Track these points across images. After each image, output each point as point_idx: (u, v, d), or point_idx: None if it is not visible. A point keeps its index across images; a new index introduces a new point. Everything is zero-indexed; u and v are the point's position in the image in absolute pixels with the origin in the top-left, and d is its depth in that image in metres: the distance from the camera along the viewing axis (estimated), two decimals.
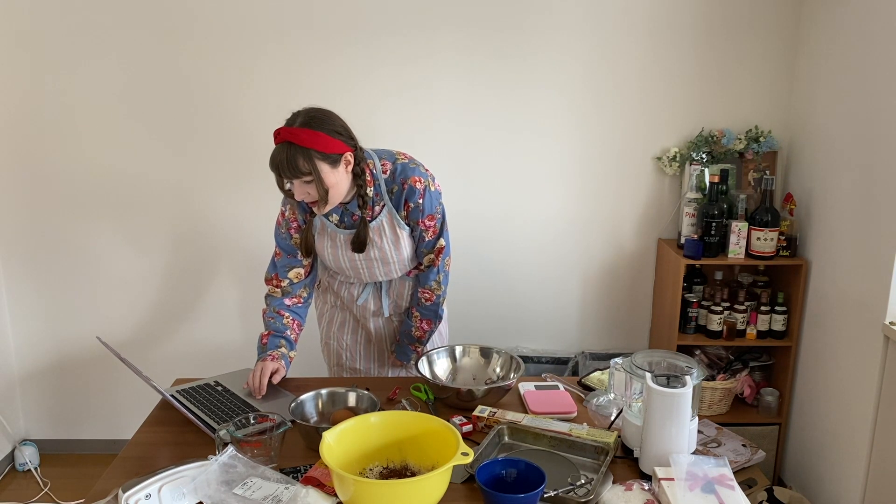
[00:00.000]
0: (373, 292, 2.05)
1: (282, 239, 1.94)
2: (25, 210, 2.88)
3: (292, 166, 1.66)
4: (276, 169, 1.69)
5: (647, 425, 1.41)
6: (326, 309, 2.16)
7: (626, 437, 1.52)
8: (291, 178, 1.69)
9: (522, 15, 2.74)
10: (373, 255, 1.91)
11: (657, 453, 1.40)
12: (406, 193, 1.86)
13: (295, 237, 1.92)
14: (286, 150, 1.67)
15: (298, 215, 1.91)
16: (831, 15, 2.56)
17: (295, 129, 1.67)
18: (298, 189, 1.72)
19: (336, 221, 1.89)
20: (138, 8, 2.71)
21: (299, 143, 1.67)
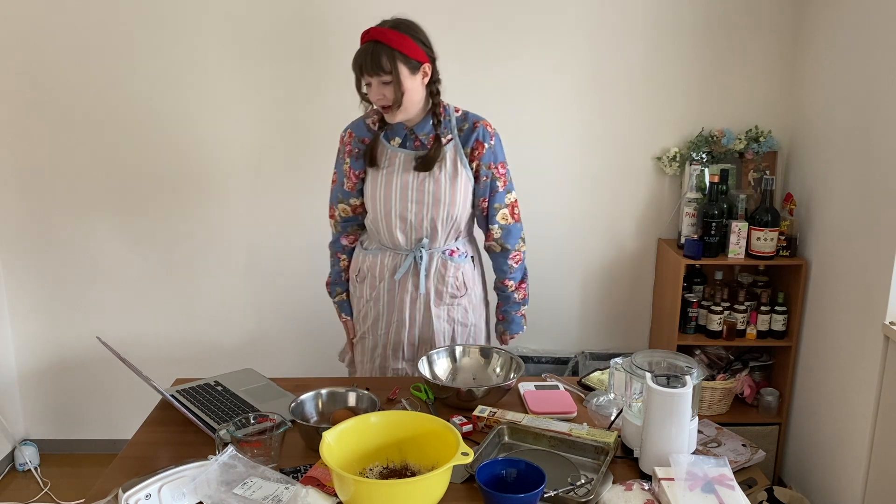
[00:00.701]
0: (412, 269, 2.00)
1: (337, 162, 2.02)
2: (25, 210, 2.88)
3: (376, 63, 1.74)
4: (358, 66, 1.76)
5: (647, 425, 1.41)
6: (362, 304, 2.11)
7: (626, 437, 1.52)
8: (373, 75, 1.76)
9: (522, 15, 2.74)
10: (427, 186, 1.90)
11: (657, 453, 1.40)
12: (478, 133, 1.91)
13: (348, 161, 1.97)
14: (372, 48, 1.75)
15: (355, 139, 1.95)
16: (831, 15, 2.56)
17: (383, 29, 1.76)
18: (375, 90, 1.78)
19: (397, 144, 1.92)
20: (137, 8, 2.71)
21: (386, 41, 1.75)
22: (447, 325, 2.06)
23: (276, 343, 3.04)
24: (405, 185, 1.91)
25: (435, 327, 2.04)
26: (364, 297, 2.09)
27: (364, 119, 1.98)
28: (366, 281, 2.07)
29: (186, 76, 2.77)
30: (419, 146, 1.91)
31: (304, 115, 2.82)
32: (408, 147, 1.91)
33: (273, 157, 2.86)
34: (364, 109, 1.98)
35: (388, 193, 1.92)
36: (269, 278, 2.97)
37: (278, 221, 2.92)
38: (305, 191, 2.89)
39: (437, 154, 1.88)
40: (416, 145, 1.91)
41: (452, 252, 2.02)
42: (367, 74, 1.77)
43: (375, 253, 2.03)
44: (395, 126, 1.92)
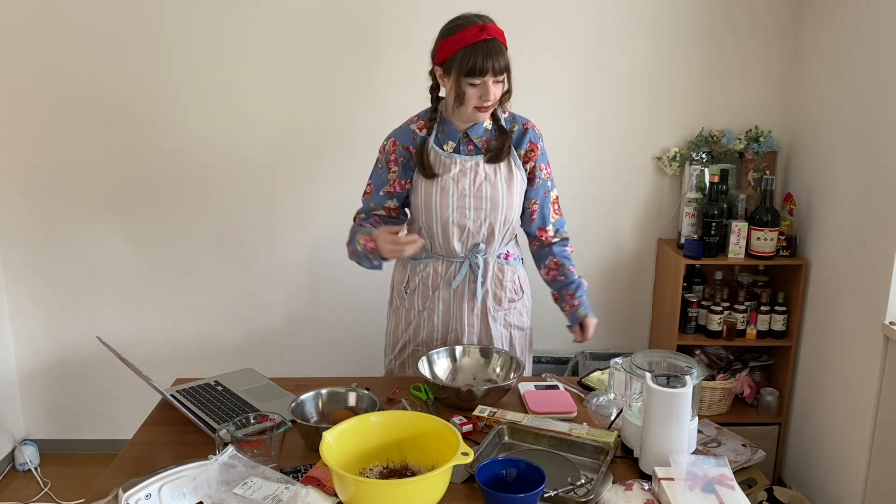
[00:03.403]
0: (468, 276, 1.95)
1: (376, 172, 1.94)
2: (26, 210, 2.88)
3: (502, 58, 1.71)
4: (483, 62, 1.68)
5: (647, 425, 1.41)
6: (412, 316, 2.02)
7: (626, 437, 1.52)
8: (494, 73, 1.71)
9: (521, 14, 2.74)
10: (485, 191, 1.86)
11: (657, 453, 1.40)
12: (530, 135, 1.89)
13: (393, 170, 1.90)
14: (497, 45, 1.71)
15: (399, 147, 1.88)
16: (831, 15, 2.56)
17: (498, 28, 1.73)
18: (488, 89, 1.72)
19: (451, 150, 1.86)
20: (137, 8, 2.71)
21: (502, 40, 1.73)
22: (504, 330, 2.02)
23: (276, 343, 3.04)
24: (462, 191, 1.85)
25: (493, 333, 2.00)
26: (416, 308, 2.01)
27: (408, 126, 1.90)
28: (417, 292, 1.99)
29: (187, 77, 2.77)
30: (472, 150, 1.86)
31: (304, 115, 2.82)
32: (461, 152, 1.86)
33: (273, 157, 2.86)
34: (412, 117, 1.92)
35: (445, 202, 1.86)
36: (270, 278, 2.97)
37: (278, 221, 2.92)
38: (306, 191, 2.89)
39: (507, 143, 1.85)
40: (469, 149, 1.86)
41: (507, 255, 1.99)
42: (490, 73, 1.70)
43: (427, 263, 1.96)
44: (448, 130, 1.86)
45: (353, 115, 2.82)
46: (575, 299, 1.98)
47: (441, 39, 1.77)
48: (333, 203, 2.90)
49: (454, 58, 1.72)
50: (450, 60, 1.73)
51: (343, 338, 3.04)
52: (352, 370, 3.04)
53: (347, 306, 3.00)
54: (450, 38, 1.73)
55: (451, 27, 1.75)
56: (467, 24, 1.71)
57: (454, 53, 1.72)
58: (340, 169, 2.87)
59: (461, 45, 1.70)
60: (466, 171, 1.85)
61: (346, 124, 2.83)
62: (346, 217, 2.89)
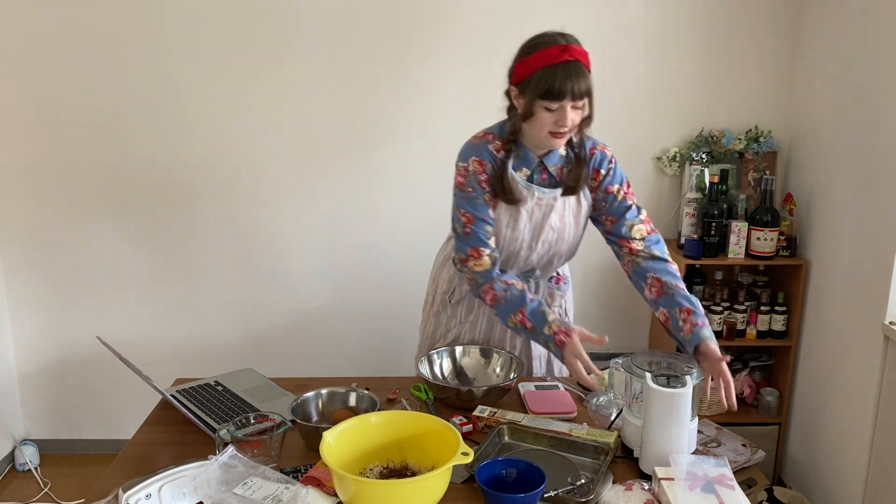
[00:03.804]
0: None
1: (469, 199, 1.73)
2: (26, 210, 2.88)
3: (585, 81, 1.56)
4: (562, 84, 1.54)
5: (647, 425, 1.41)
6: (452, 324, 1.97)
7: (626, 437, 1.52)
8: (573, 98, 1.56)
9: (521, 15, 2.74)
10: (552, 223, 1.76)
11: (657, 453, 1.40)
12: (596, 160, 1.75)
13: (487, 190, 1.72)
14: (579, 67, 1.56)
15: (488, 166, 1.71)
16: (831, 15, 2.56)
17: (583, 49, 1.58)
18: (566, 114, 1.58)
19: (525, 177, 1.73)
20: (137, 8, 2.71)
21: (585, 62, 1.58)
22: (544, 350, 1.99)
23: (276, 343, 3.04)
24: (535, 225, 1.76)
25: (533, 353, 1.97)
26: (458, 318, 1.96)
27: (485, 145, 1.73)
28: (462, 304, 1.95)
29: (187, 77, 2.77)
30: (546, 179, 1.74)
31: (305, 115, 2.82)
32: (535, 181, 1.74)
33: (273, 157, 2.86)
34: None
35: (516, 234, 1.76)
36: (270, 278, 2.97)
37: (278, 221, 2.92)
38: (306, 191, 2.89)
39: (582, 175, 1.72)
40: (543, 178, 1.74)
41: (559, 279, 1.95)
42: (569, 97, 1.55)
43: None
44: (525, 155, 1.72)
45: (355, 117, 2.82)
46: (697, 317, 1.61)
47: (519, 58, 1.64)
48: (333, 204, 2.90)
49: (531, 78, 1.58)
50: (526, 81, 1.60)
51: (343, 338, 3.04)
52: (352, 370, 3.04)
53: (348, 306, 3.00)
54: (528, 56, 1.60)
55: (531, 45, 1.61)
56: (548, 43, 1.58)
57: (532, 73, 1.58)
58: (341, 170, 2.87)
59: (540, 64, 1.57)
60: (542, 204, 1.74)
61: (348, 127, 2.83)
62: (345, 217, 2.91)
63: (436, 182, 2.88)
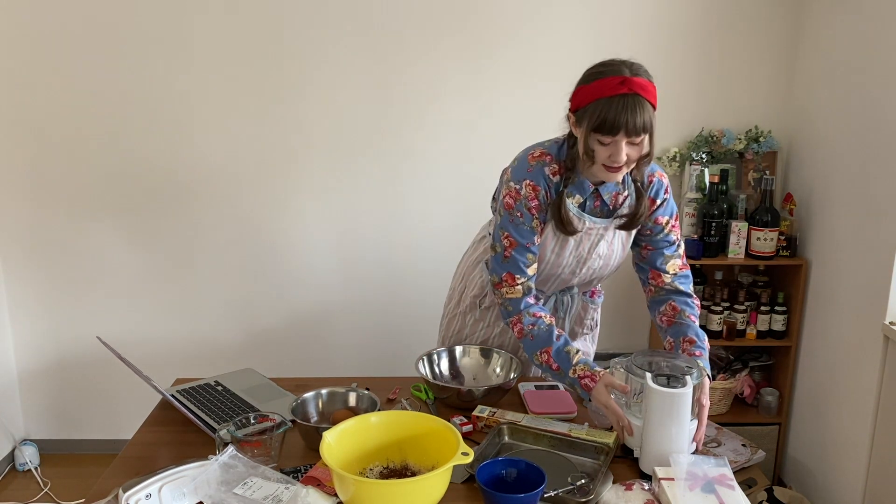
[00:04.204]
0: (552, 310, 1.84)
1: (515, 223, 1.64)
2: (25, 210, 2.88)
3: (642, 118, 1.46)
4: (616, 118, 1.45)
5: (647, 425, 1.41)
6: (479, 328, 1.93)
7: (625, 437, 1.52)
8: (629, 134, 1.46)
9: (521, 14, 2.74)
10: (601, 251, 1.70)
11: (657, 453, 1.40)
12: (653, 188, 1.66)
13: (537, 217, 1.63)
14: (638, 104, 1.46)
15: (541, 192, 1.63)
16: (831, 15, 2.56)
17: (644, 82, 1.49)
18: (619, 150, 1.49)
19: (577, 204, 1.64)
20: (137, 8, 2.71)
21: (647, 96, 1.48)
22: None
23: (276, 343, 3.04)
24: (580, 253, 1.70)
25: None
26: (486, 321, 1.92)
27: (541, 168, 1.65)
28: (492, 309, 1.91)
29: (188, 77, 2.77)
30: (598, 206, 1.66)
31: (305, 116, 2.82)
32: (587, 209, 1.65)
33: (273, 157, 2.86)
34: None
35: (560, 260, 1.70)
36: (269, 278, 2.97)
37: (278, 221, 2.92)
38: (306, 191, 2.89)
39: (642, 212, 1.64)
40: (595, 205, 1.66)
41: (593, 293, 1.91)
42: (623, 133, 1.46)
43: None
44: (580, 182, 1.63)
45: (355, 118, 2.82)
46: (696, 349, 1.62)
47: (579, 85, 1.57)
48: (333, 204, 2.90)
49: (587, 108, 1.51)
50: (582, 110, 1.53)
51: (343, 338, 3.04)
52: (352, 370, 3.04)
53: (348, 306, 3.00)
54: (587, 85, 1.53)
55: (592, 73, 1.54)
56: (608, 74, 1.50)
57: (588, 104, 1.51)
58: (341, 171, 2.87)
59: (597, 96, 1.49)
60: (592, 233, 1.67)
61: (348, 127, 2.83)
62: (344, 217, 2.91)
63: (436, 183, 2.88)
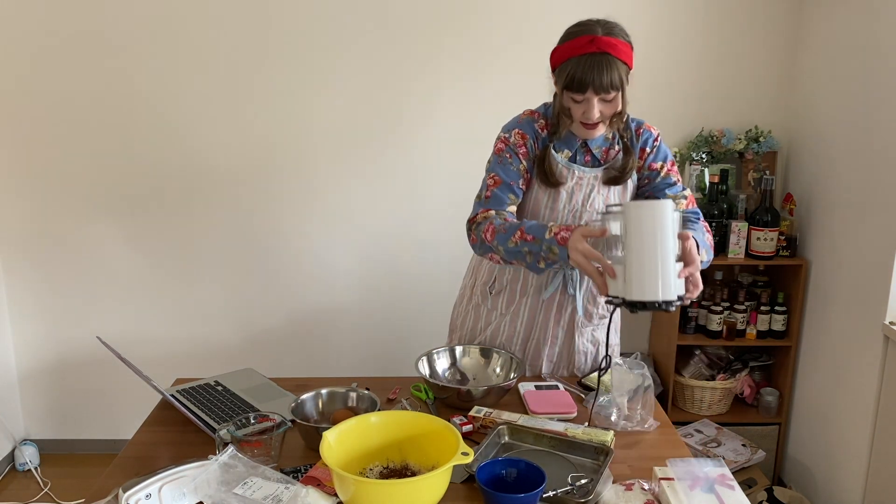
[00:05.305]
0: (560, 287, 1.82)
1: (503, 163, 1.70)
2: (26, 210, 2.88)
3: (611, 82, 1.51)
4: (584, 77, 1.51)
5: (628, 249, 1.33)
6: (493, 317, 1.92)
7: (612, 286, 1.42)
8: (598, 91, 1.52)
9: (521, 14, 2.74)
10: (598, 206, 1.72)
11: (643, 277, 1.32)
12: (641, 139, 1.72)
13: (523, 163, 1.69)
14: (605, 61, 1.51)
15: (529, 140, 1.69)
16: (831, 15, 2.56)
17: (613, 40, 1.54)
18: (592, 107, 1.55)
19: (567, 158, 1.69)
20: (138, 8, 2.71)
21: (616, 54, 1.53)
22: (591, 346, 1.92)
23: (276, 343, 3.04)
24: (574, 206, 1.72)
25: (578, 347, 1.91)
26: (498, 310, 1.90)
27: (531, 122, 1.72)
28: (502, 294, 1.88)
29: (188, 77, 2.77)
30: (589, 161, 1.70)
31: (307, 118, 2.82)
32: (577, 161, 1.70)
33: (273, 157, 2.86)
34: None
35: (555, 214, 1.73)
36: (270, 278, 2.97)
37: (279, 222, 2.92)
38: (306, 192, 2.89)
39: (630, 166, 1.68)
40: (586, 160, 1.70)
41: None
42: (592, 90, 1.53)
43: (517, 266, 1.82)
44: (566, 136, 1.69)
45: (356, 119, 2.82)
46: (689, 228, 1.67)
47: (557, 46, 1.62)
48: (333, 204, 2.90)
49: (561, 68, 1.58)
50: (558, 69, 1.60)
51: (343, 338, 3.04)
52: (352, 370, 3.04)
53: (348, 306, 3.00)
54: (561, 45, 1.60)
55: (566, 34, 1.61)
56: (579, 34, 1.57)
57: (560, 63, 1.58)
58: (340, 171, 2.87)
59: (568, 55, 1.56)
60: (583, 184, 1.71)
61: (348, 128, 2.83)
62: (344, 217, 2.91)
63: (437, 184, 2.88)
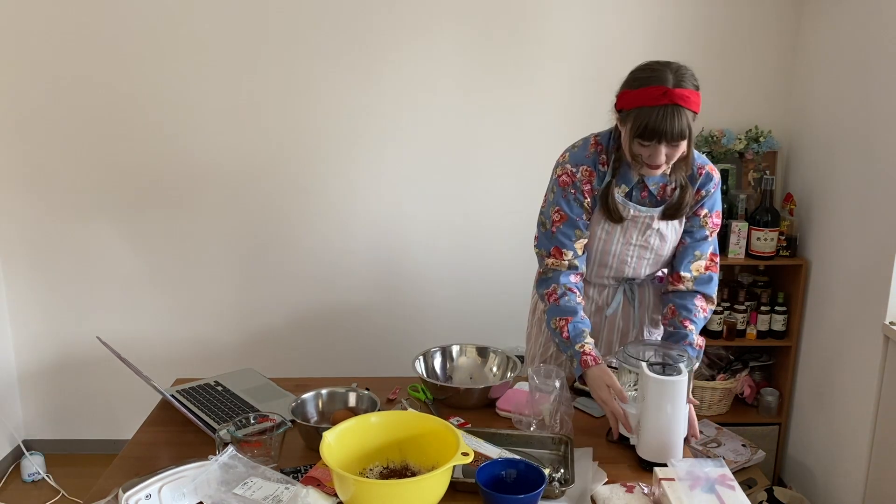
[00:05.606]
0: (623, 302, 1.84)
1: (568, 199, 1.71)
2: (26, 210, 2.88)
3: (680, 126, 1.52)
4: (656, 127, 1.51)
5: (645, 413, 1.44)
6: None
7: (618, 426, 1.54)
8: (668, 141, 1.53)
9: (521, 14, 2.74)
10: (653, 243, 1.73)
11: (656, 439, 1.43)
12: (701, 181, 1.71)
13: (588, 199, 1.70)
14: (675, 113, 1.52)
15: (596, 178, 1.70)
16: (831, 15, 2.56)
17: (685, 93, 1.55)
18: (658, 154, 1.55)
19: (623, 193, 1.70)
20: (138, 8, 2.71)
21: (687, 106, 1.54)
22: None
23: (276, 343, 3.04)
24: (628, 240, 1.73)
25: None
26: None
27: (594, 157, 1.72)
28: None
29: (188, 77, 2.77)
30: (646, 196, 1.70)
31: (307, 118, 2.82)
32: (633, 198, 1.70)
33: (274, 159, 2.86)
34: None
35: (608, 247, 1.74)
36: (270, 278, 2.97)
37: (278, 221, 2.92)
38: (306, 192, 2.88)
39: (686, 203, 1.68)
40: (643, 195, 1.70)
41: (661, 278, 1.89)
42: (662, 141, 1.53)
43: None
44: (624, 173, 1.69)
45: (356, 119, 2.82)
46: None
47: (624, 87, 1.62)
48: (333, 204, 2.90)
49: (630, 113, 1.57)
50: (626, 112, 1.59)
51: (343, 338, 3.04)
52: (352, 370, 3.04)
53: (347, 306, 3.00)
54: (631, 90, 1.58)
55: (636, 78, 1.59)
56: (653, 82, 1.55)
57: (631, 108, 1.57)
58: (340, 171, 2.87)
59: (639, 103, 1.55)
60: (638, 221, 1.70)
61: (348, 128, 2.83)
62: (344, 217, 2.91)
63: (438, 185, 2.88)
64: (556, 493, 1.33)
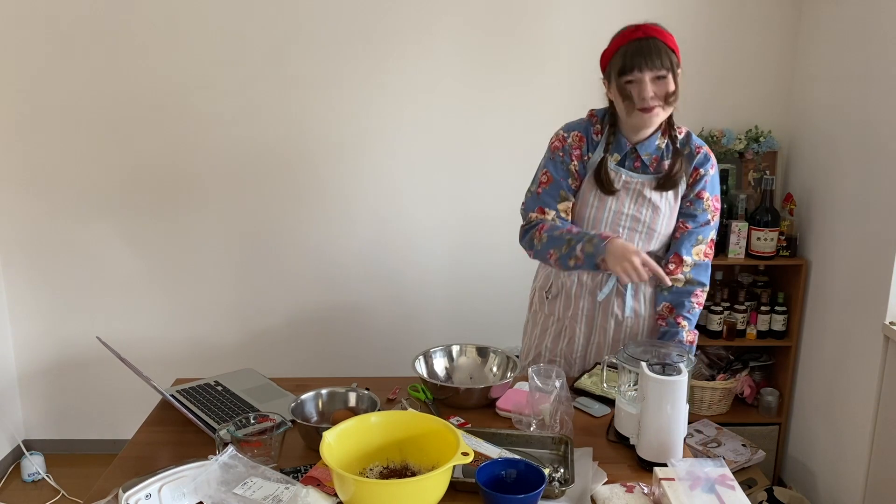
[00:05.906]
0: (616, 288, 1.84)
1: (556, 161, 1.78)
2: (26, 210, 2.88)
3: (657, 56, 1.61)
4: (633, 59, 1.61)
5: (645, 413, 1.44)
6: (550, 322, 1.93)
7: (620, 425, 1.55)
8: (651, 69, 1.61)
9: (521, 14, 2.74)
10: (645, 215, 1.75)
11: (656, 439, 1.43)
12: (698, 159, 1.75)
13: (575, 164, 1.76)
14: (650, 42, 1.63)
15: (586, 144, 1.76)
16: (831, 15, 2.56)
17: (659, 28, 1.67)
18: (646, 86, 1.62)
19: (616, 162, 1.75)
20: (138, 9, 2.71)
21: (663, 39, 1.65)
22: None
23: (276, 343, 3.04)
24: (619, 209, 1.75)
25: None
26: (555, 315, 1.91)
27: (589, 126, 1.79)
28: (558, 298, 1.90)
29: (188, 78, 2.77)
30: (639, 167, 1.74)
31: (308, 118, 2.82)
32: (626, 166, 1.75)
33: (274, 159, 2.86)
34: None
35: (599, 215, 1.76)
36: (270, 278, 2.97)
37: (279, 222, 2.92)
38: (306, 192, 2.89)
39: (680, 171, 1.72)
40: (635, 165, 1.75)
41: None
42: (644, 69, 1.60)
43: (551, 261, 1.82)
44: (618, 141, 1.74)
45: (356, 119, 2.82)
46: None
47: (605, 49, 1.72)
48: (333, 205, 2.90)
49: (610, 62, 1.67)
50: (608, 66, 1.69)
51: (343, 338, 3.04)
52: (352, 370, 3.04)
53: (347, 306, 3.00)
54: (607, 47, 1.70)
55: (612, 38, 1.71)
56: (624, 28, 1.69)
57: (610, 58, 1.68)
58: (339, 171, 2.87)
59: (616, 46, 1.67)
60: (630, 189, 1.74)
61: (349, 127, 2.83)
62: (344, 217, 2.91)
63: (438, 185, 2.88)
64: (556, 493, 1.33)
